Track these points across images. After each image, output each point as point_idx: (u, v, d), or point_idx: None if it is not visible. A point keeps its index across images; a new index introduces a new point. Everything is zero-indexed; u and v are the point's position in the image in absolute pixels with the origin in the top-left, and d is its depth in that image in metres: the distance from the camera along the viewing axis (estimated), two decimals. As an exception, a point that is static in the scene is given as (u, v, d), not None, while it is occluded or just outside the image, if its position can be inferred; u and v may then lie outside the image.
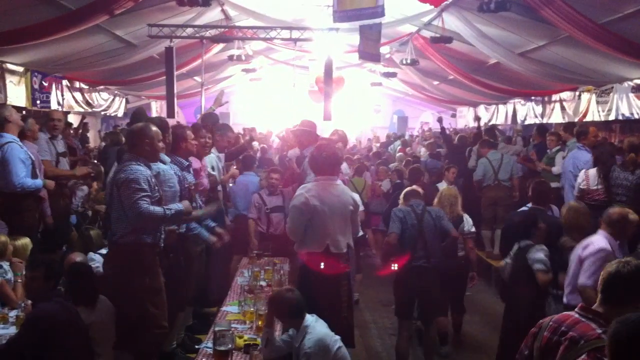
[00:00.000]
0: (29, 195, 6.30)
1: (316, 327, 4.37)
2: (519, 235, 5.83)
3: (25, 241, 5.88)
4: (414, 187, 6.85)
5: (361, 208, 8.24)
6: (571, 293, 5.07)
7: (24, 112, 9.39)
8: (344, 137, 8.23)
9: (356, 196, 7.33)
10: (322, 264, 5.23)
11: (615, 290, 2.94)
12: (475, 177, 10.52)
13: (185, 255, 5.73)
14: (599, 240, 4.97)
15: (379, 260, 8.87)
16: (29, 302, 4.90)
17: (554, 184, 8.84)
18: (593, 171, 7.70)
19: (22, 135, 6.64)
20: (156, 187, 4.80)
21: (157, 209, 4.66)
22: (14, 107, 7.12)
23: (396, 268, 6.08)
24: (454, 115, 23.34)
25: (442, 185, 8.64)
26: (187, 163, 5.83)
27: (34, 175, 6.35)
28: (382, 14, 9.79)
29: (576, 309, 3.03)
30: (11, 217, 6.18)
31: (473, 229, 7.10)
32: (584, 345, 2.80)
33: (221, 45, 14.49)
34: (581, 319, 2.95)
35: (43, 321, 4.00)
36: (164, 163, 5.37)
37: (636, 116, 9.82)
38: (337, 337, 4.44)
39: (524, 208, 6.66)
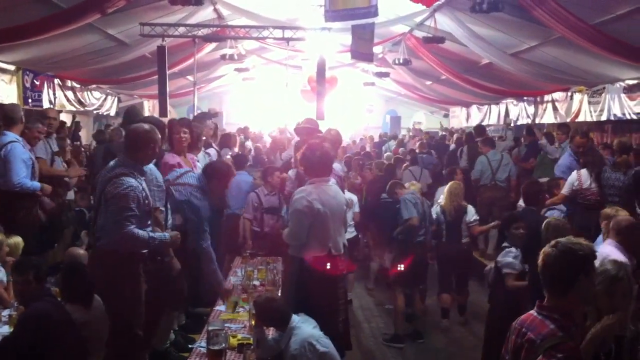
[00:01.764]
0: (26, 195, 6.29)
1: (302, 327, 4.37)
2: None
3: (17, 240, 5.85)
4: (396, 180, 8.43)
5: (356, 209, 8.31)
6: None
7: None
8: (337, 137, 8.20)
9: (353, 197, 7.71)
10: (327, 264, 5.20)
11: (557, 279, 2.91)
12: (473, 176, 10.56)
13: (175, 254, 5.64)
14: (611, 252, 4.59)
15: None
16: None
17: (543, 180, 8.85)
18: (585, 171, 7.71)
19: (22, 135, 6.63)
20: (146, 201, 4.62)
21: (142, 233, 4.51)
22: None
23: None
24: (446, 116, 23.40)
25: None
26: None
27: (33, 177, 6.35)
28: (376, 14, 9.77)
29: (535, 307, 3.02)
30: (6, 215, 6.16)
31: (475, 217, 7.92)
32: (540, 345, 2.80)
33: (214, 45, 14.47)
34: (538, 317, 2.94)
35: (37, 320, 3.97)
36: None
37: (628, 117, 9.86)
38: (325, 336, 4.44)
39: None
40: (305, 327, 4.36)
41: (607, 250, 4.62)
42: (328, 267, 5.21)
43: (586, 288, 2.87)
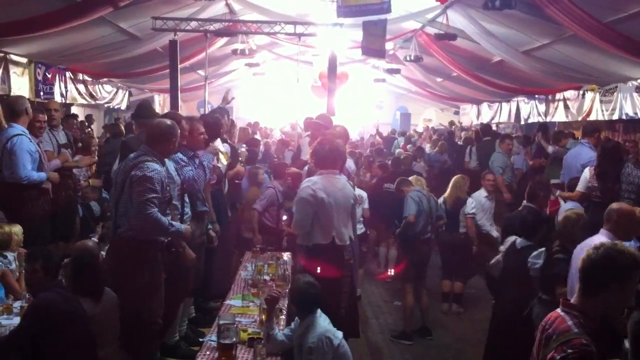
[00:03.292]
0: (31, 186, 6.30)
1: (320, 322, 4.38)
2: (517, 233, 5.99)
3: (16, 229, 5.84)
4: (404, 177, 8.31)
5: (365, 205, 8.31)
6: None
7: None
8: (343, 133, 8.15)
9: (363, 194, 7.76)
10: (325, 258, 5.25)
11: (589, 279, 2.90)
12: None
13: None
14: (598, 238, 4.78)
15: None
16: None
17: (555, 181, 8.83)
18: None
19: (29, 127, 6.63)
20: (168, 187, 4.82)
21: (164, 219, 4.69)
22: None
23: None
24: (456, 113, 23.34)
25: (482, 194, 8.74)
26: (192, 153, 5.82)
27: (40, 168, 6.36)
28: (388, 11, 9.77)
29: (560, 305, 3.03)
30: (13, 207, 6.19)
31: (472, 210, 8.24)
32: (555, 340, 2.82)
33: (225, 39, 14.48)
34: (560, 314, 2.96)
35: (44, 311, 3.97)
36: None
37: (640, 116, 9.81)
38: (340, 332, 4.45)
39: None
40: (322, 321, 4.38)
41: (596, 239, 4.72)
42: (331, 256, 5.28)
43: (616, 296, 2.86)
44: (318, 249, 5.33)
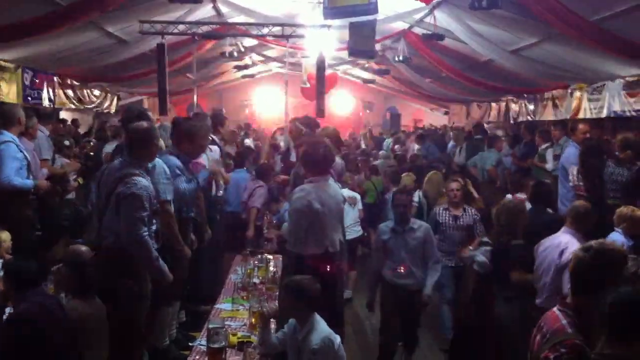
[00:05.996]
0: (17, 193, 6.24)
1: (320, 323, 4.35)
2: None
3: (4, 235, 5.78)
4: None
5: (359, 206, 8.29)
6: (549, 298, 4.91)
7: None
8: (335, 134, 8.14)
9: (356, 195, 7.68)
10: (324, 262, 5.18)
11: (586, 278, 2.93)
12: None
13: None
14: (571, 243, 4.88)
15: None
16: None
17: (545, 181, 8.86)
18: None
19: (21, 133, 6.59)
20: (154, 200, 4.73)
21: (152, 248, 4.61)
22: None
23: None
24: (446, 113, 23.39)
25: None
26: (188, 160, 5.80)
27: (29, 176, 6.31)
28: (375, 11, 9.75)
29: (557, 304, 3.07)
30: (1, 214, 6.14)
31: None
32: (549, 339, 2.86)
33: (213, 42, 14.47)
34: (555, 312, 2.99)
35: (20, 325, 3.93)
36: None
37: (628, 114, 9.83)
38: (337, 335, 4.42)
39: None
40: (322, 323, 4.34)
41: (566, 239, 4.92)
42: (325, 264, 5.19)
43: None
44: (312, 258, 5.19)
